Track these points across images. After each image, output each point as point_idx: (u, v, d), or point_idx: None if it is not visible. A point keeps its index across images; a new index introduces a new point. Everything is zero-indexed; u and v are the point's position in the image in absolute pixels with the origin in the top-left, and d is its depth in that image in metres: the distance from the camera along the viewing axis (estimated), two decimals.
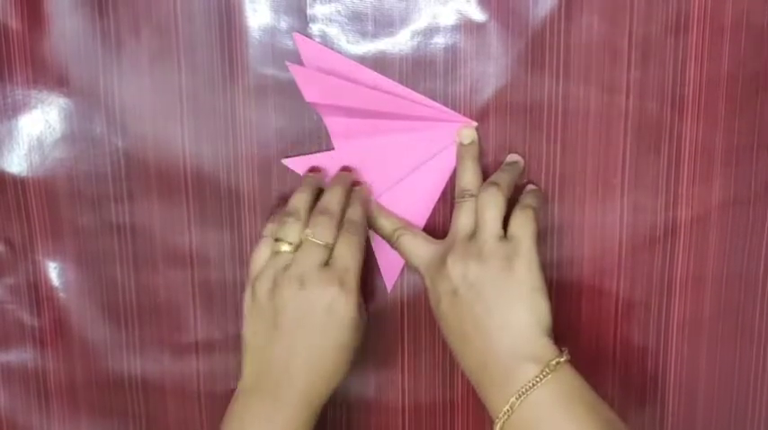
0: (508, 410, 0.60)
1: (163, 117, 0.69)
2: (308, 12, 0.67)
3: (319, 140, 0.69)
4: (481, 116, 0.68)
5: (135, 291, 0.72)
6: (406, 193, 0.69)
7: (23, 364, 0.74)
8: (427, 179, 0.69)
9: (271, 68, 0.68)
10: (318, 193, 0.67)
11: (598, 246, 0.70)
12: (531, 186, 0.68)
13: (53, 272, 0.72)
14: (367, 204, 0.68)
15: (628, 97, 0.67)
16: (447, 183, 0.69)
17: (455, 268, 0.63)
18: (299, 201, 0.66)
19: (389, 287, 0.71)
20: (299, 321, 0.63)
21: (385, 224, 0.69)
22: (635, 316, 0.71)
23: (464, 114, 0.68)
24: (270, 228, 0.67)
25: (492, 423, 0.61)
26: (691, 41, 0.66)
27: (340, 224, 0.65)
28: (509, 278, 0.62)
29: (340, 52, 0.67)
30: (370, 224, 0.69)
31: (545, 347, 0.62)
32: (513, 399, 0.60)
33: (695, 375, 0.73)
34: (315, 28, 0.67)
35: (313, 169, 0.69)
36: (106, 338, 0.73)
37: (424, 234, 0.68)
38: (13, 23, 0.67)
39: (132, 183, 0.70)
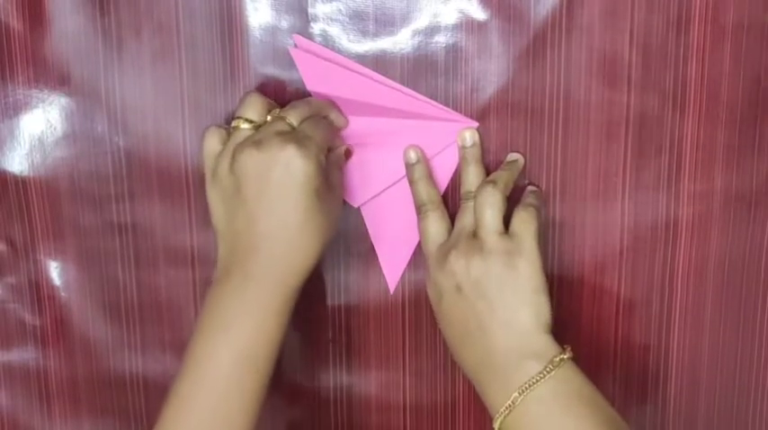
0: (510, 405, 0.60)
1: (164, 116, 0.69)
2: (310, 11, 0.67)
3: None
4: (482, 115, 0.68)
5: (136, 290, 0.72)
6: (407, 193, 0.69)
7: (25, 364, 0.74)
8: None
9: (272, 68, 0.68)
10: None
11: (599, 245, 0.70)
12: (531, 187, 0.68)
13: (54, 271, 0.72)
14: (334, 130, 0.67)
15: (629, 96, 0.67)
16: (448, 182, 0.69)
17: (458, 263, 0.63)
18: (262, 94, 0.65)
19: (392, 288, 0.71)
20: (257, 185, 0.61)
21: (422, 192, 0.68)
22: (636, 314, 0.71)
23: (465, 113, 0.68)
24: (241, 110, 0.65)
25: (491, 419, 0.61)
26: (692, 40, 0.66)
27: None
28: (512, 275, 0.62)
29: (341, 52, 0.67)
30: (410, 184, 0.68)
31: (547, 344, 0.62)
32: (515, 395, 0.60)
33: (697, 373, 0.73)
34: (316, 27, 0.67)
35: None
36: (107, 337, 0.73)
37: (448, 223, 0.68)
38: (15, 23, 0.67)
39: (133, 182, 0.70)
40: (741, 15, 0.66)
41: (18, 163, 0.70)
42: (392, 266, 0.71)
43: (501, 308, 0.62)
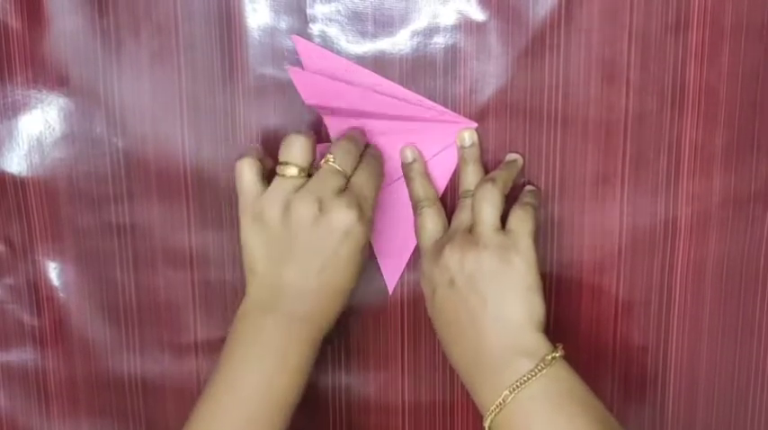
0: (500, 403, 0.60)
1: (162, 117, 0.69)
2: (308, 12, 0.67)
3: (319, 140, 0.69)
4: (481, 116, 0.68)
5: (135, 291, 0.72)
6: (406, 194, 0.69)
7: (23, 364, 0.74)
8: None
9: (270, 68, 0.68)
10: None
11: (598, 245, 0.70)
12: (529, 186, 0.68)
13: (53, 272, 0.72)
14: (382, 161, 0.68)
15: (628, 97, 0.67)
16: (447, 183, 0.69)
17: (452, 257, 0.63)
18: (303, 132, 0.64)
19: (391, 289, 0.71)
20: (316, 245, 0.62)
21: (418, 189, 0.68)
22: (635, 314, 0.71)
23: (464, 114, 0.68)
24: (254, 148, 0.66)
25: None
26: (691, 41, 0.66)
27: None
28: (506, 272, 0.62)
29: (339, 52, 0.67)
30: (406, 182, 0.69)
31: (539, 342, 0.61)
32: (505, 393, 0.60)
33: (695, 374, 0.73)
34: (315, 28, 0.67)
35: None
36: (106, 338, 0.73)
37: (444, 220, 0.68)
38: (13, 23, 0.67)
39: (132, 182, 0.70)
40: (740, 16, 0.66)
41: (17, 163, 0.70)
42: (391, 267, 0.71)
43: (493, 303, 0.62)
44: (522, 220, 0.64)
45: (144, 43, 0.67)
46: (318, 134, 0.69)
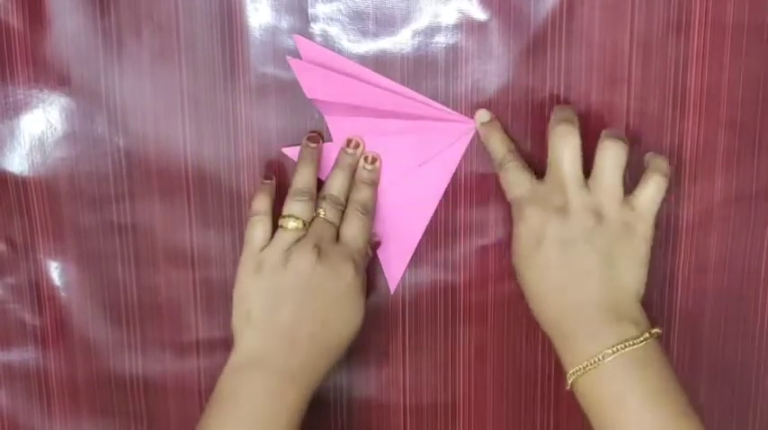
0: (597, 361, 0.60)
1: (164, 116, 0.69)
2: (310, 11, 0.67)
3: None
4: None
5: (136, 290, 0.72)
6: (407, 193, 0.69)
7: (25, 364, 0.74)
8: (429, 178, 0.69)
9: (272, 68, 0.68)
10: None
11: None
12: (661, 157, 0.66)
13: (54, 271, 0.72)
14: (376, 186, 0.69)
15: (629, 96, 0.67)
16: (449, 182, 0.69)
17: (576, 215, 0.63)
18: (306, 180, 0.67)
19: (393, 287, 0.71)
20: (313, 295, 0.64)
21: (497, 148, 0.67)
22: None
23: (465, 114, 0.68)
24: (262, 204, 0.67)
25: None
26: (692, 40, 0.66)
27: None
28: (628, 241, 0.63)
29: (341, 52, 0.67)
30: (484, 142, 0.68)
31: (643, 314, 0.62)
32: (607, 351, 0.60)
33: (696, 373, 0.72)
34: (316, 27, 0.67)
35: (312, 138, 0.68)
36: (107, 338, 0.73)
37: (529, 170, 0.66)
38: (15, 23, 0.67)
39: (133, 182, 0.70)
40: (741, 17, 0.66)
41: (18, 163, 0.70)
42: (393, 266, 0.71)
43: (611, 266, 0.62)
44: (652, 200, 0.64)
45: (145, 43, 0.67)
46: (320, 134, 0.69)
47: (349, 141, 0.68)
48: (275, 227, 0.66)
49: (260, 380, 0.63)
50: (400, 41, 0.67)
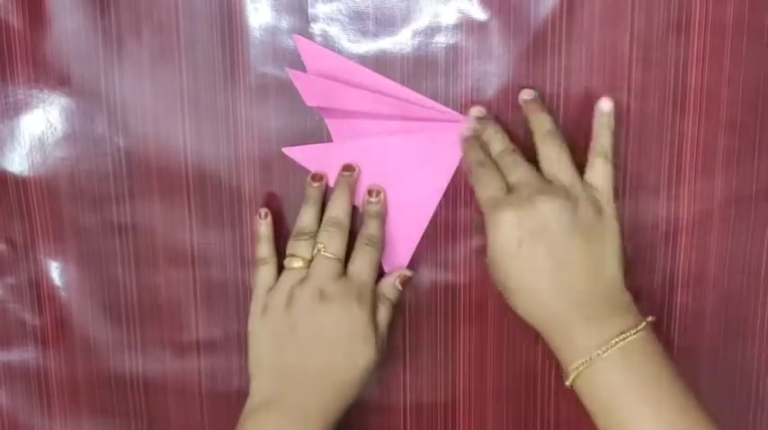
0: (598, 355, 0.60)
1: (164, 116, 0.69)
2: (310, 11, 0.67)
3: (321, 140, 0.69)
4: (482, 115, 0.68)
5: (136, 290, 0.72)
6: (407, 193, 0.69)
7: (25, 364, 0.74)
8: (429, 179, 0.69)
9: (272, 68, 0.68)
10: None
11: None
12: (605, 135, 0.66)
13: (54, 271, 0.72)
14: (384, 216, 0.69)
15: (629, 96, 0.67)
16: (449, 183, 0.69)
17: (545, 205, 0.62)
18: (308, 217, 0.68)
19: None
20: (316, 333, 0.65)
21: (470, 153, 0.67)
22: None
23: (465, 114, 0.68)
24: (264, 249, 0.68)
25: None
26: (692, 40, 0.66)
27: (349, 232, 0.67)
28: (602, 224, 0.63)
29: (341, 52, 0.67)
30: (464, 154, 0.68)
31: (631, 302, 0.62)
32: (605, 346, 0.60)
33: (697, 374, 0.72)
34: (316, 27, 0.67)
35: (315, 176, 0.69)
36: (108, 337, 0.73)
37: (502, 176, 0.65)
38: (15, 22, 0.67)
39: (134, 182, 0.70)
40: (741, 17, 0.66)
41: (18, 163, 0.70)
42: (393, 266, 0.71)
43: (594, 254, 0.62)
44: (606, 176, 0.64)
45: (145, 43, 0.67)
46: (320, 134, 0.69)
47: (345, 167, 0.69)
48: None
49: (272, 422, 0.64)
50: (400, 41, 0.67)
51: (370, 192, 0.69)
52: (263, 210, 0.69)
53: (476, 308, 0.71)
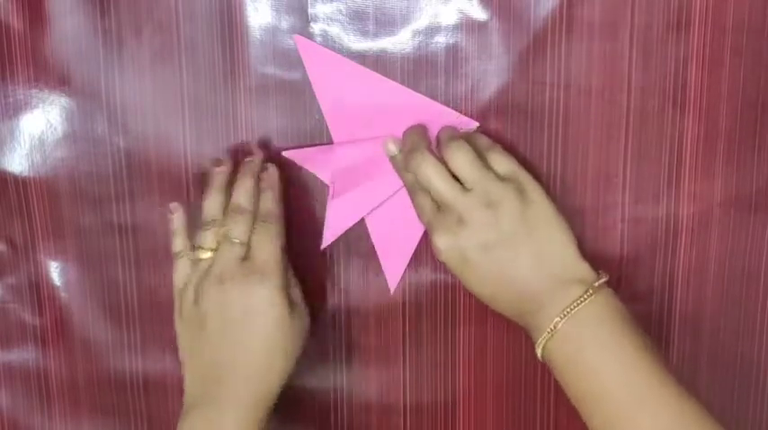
0: (551, 330, 0.61)
1: (164, 116, 0.69)
2: (310, 11, 0.67)
3: (321, 140, 0.69)
4: (482, 115, 0.68)
5: (136, 290, 0.72)
6: (407, 193, 0.69)
7: (25, 364, 0.74)
8: None
9: (272, 68, 0.68)
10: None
11: (599, 245, 0.70)
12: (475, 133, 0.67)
13: (54, 271, 0.72)
14: (277, 186, 0.67)
15: (629, 96, 0.67)
16: None
17: (477, 216, 0.62)
18: (212, 206, 0.66)
19: (392, 288, 0.71)
20: (222, 319, 0.63)
21: (408, 176, 0.66)
22: (636, 314, 0.71)
23: (465, 114, 0.68)
24: (178, 243, 0.68)
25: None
26: (692, 40, 0.66)
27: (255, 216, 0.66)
28: (530, 207, 0.63)
29: (341, 52, 0.67)
30: (398, 172, 0.67)
31: (585, 269, 0.62)
32: (556, 319, 0.60)
33: (697, 374, 0.72)
34: (316, 27, 0.67)
35: (217, 162, 0.68)
36: (108, 338, 0.73)
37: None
38: (15, 23, 0.67)
39: (134, 182, 0.70)
40: (741, 15, 0.66)
41: (18, 163, 0.70)
42: (392, 266, 0.71)
43: (531, 240, 0.62)
44: (505, 160, 0.64)
45: (145, 43, 0.67)
46: (320, 134, 0.69)
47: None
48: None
49: (200, 419, 0.63)
50: (400, 41, 0.67)
51: (261, 171, 0.68)
52: (173, 204, 0.68)
53: (476, 308, 0.71)
